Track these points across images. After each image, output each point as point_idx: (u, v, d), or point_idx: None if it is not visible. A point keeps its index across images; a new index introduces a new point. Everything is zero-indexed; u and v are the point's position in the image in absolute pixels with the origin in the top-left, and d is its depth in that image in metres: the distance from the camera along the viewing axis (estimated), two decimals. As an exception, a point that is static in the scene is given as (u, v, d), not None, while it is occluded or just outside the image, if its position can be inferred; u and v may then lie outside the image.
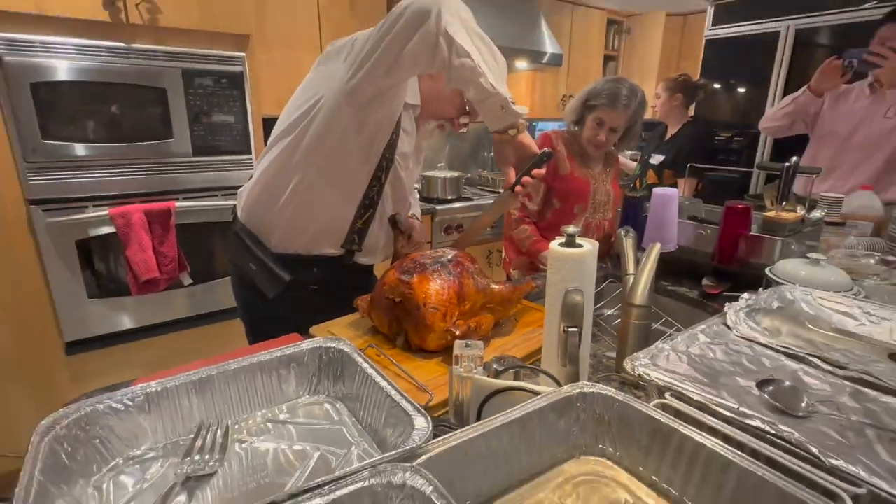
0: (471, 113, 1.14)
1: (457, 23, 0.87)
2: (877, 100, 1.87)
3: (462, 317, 0.90)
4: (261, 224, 1.11)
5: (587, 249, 0.74)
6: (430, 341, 0.88)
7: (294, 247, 1.11)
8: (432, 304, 0.87)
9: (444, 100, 1.13)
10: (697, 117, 2.71)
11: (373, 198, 1.11)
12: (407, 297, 0.90)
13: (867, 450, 0.49)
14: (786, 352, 0.69)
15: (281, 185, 1.07)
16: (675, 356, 0.66)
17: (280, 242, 1.11)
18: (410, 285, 0.90)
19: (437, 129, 1.24)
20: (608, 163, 1.64)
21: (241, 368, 0.62)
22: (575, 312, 0.72)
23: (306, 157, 1.03)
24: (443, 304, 0.88)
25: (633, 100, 1.45)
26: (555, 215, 1.60)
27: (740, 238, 1.27)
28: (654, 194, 1.33)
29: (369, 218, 1.13)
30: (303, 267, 1.11)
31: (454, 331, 0.86)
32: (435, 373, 0.84)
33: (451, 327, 0.86)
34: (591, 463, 0.56)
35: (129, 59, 1.73)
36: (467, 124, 1.17)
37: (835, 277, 0.96)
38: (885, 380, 0.61)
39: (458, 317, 0.89)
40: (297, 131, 1.03)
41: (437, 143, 3.39)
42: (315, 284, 1.14)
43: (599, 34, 3.58)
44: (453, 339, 0.86)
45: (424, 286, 0.89)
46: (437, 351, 0.90)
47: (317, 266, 1.13)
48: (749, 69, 3.03)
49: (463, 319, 0.89)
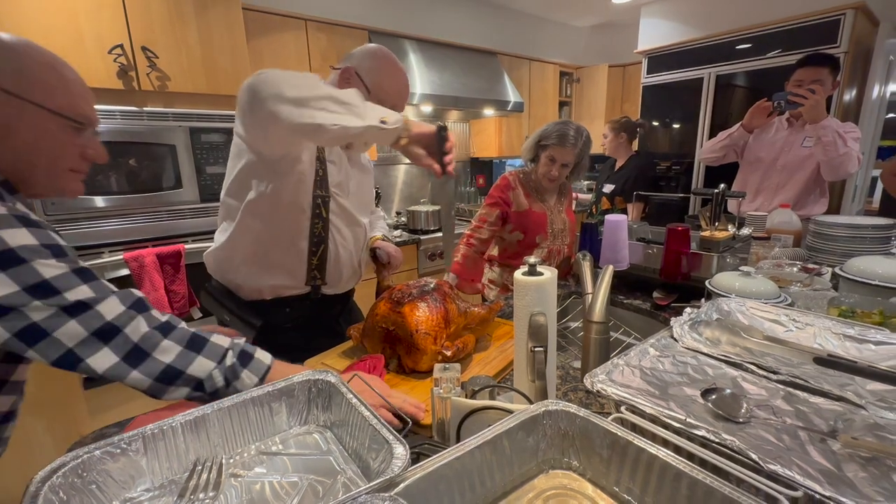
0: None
1: (285, 107, 0.73)
2: (794, 131, 1.95)
3: (449, 338, 0.88)
4: (227, 279, 1.07)
5: (547, 277, 0.73)
6: (423, 363, 0.86)
7: (262, 294, 1.06)
8: (424, 330, 0.85)
9: None
10: (641, 151, 2.81)
11: (320, 234, 1.04)
12: (400, 324, 0.88)
13: (801, 452, 0.47)
14: (726, 360, 0.68)
15: (235, 243, 1.02)
16: (629, 370, 0.65)
17: (248, 293, 1.06)
18: (402, 314, 0.88)
19: None
20: (562, 194, 1.66)
21: (235, 405, 0.59)
22: (540, 332, 0.71)
23: (245, 215, 0.98)
24: (432, 328, 0.86)
25: (579, 139, 1.48)
26: (519, 245, 1.60)
27: (682, 255, 1.28)
28: (607, 220, 1.34)
29: (323, 252, 1.07)
30: (274, 309, 1.07)
31: (445, 352, 0.84)
32: (428, 393, 0.81)
33: (442, 349, 0.85)
34: (558, 476, 0.53)
35: (142, 121, 1.71)
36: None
37: (764, 287, 0.96)
38: (811, 382, 0.61)
39: (445, 339, 0.87)
40: (233, 194, 0.99)
41: (420, 181, 3.41)
42: (289, 323, 1.10)
43: (554, 84, 3.69)
44: (444, 359, 0.84)
45: (415, 314, 0.87)
46: (429, 372, 0.87)
47: (288, 306, 1.08)
48: (680, 109, 3.14)
49: (450, 341, 0.88)
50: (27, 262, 0.55)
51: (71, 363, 0.57)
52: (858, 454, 0.47)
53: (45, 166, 0.66)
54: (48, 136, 0.64)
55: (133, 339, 0.60)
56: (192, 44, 1.80)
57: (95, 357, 0.57)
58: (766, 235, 1.63)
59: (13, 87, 0.61)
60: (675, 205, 3.11)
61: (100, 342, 0.58)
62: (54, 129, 0.65)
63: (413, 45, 2.81)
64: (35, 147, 0.64)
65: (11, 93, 0.61)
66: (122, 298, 0.61)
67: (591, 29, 4.06)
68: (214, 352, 0.65)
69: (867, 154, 2.94)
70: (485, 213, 1.57)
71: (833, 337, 0.72)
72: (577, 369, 0.93)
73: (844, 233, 1.38)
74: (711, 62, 2.93)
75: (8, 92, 0.60)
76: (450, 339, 0.89)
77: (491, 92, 2.97)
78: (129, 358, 0.59)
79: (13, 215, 0.56)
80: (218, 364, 0.64)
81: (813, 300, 0.99)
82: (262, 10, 2.17)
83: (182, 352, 0.62)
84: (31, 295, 0.54)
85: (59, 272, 0.57)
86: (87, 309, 0.57)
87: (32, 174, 0.65)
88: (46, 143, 0.64)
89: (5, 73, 0.61)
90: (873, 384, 0.60)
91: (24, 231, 0.56)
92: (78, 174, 0.71)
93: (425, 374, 0.87)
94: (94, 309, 0.58)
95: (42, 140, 0.64)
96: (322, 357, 0.98)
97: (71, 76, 0.67)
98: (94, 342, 0.58)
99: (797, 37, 2.57)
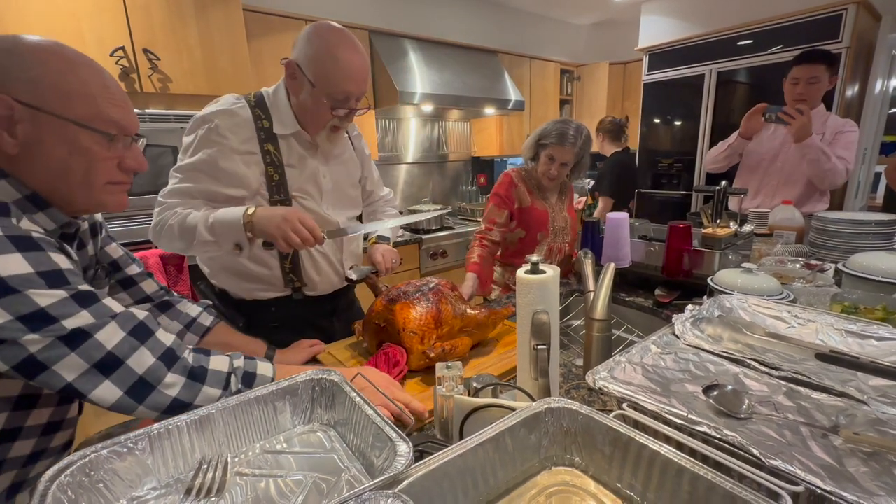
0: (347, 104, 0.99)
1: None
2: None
3: (440, 340, 0.88)
4: (219, 283, 1.10)
5: (549, 275, 0.73)
6: (411, 362, 0.86)
7: (246, 295, 1.09)
8: (411, 329, 0.85)
9: (312, 110, 0.98)
10: (629, 148, 2.86)
11: None
12: (390, 321, 0.89)
13: (803, 447, 0.48)
14: (727, 357, 0.68)
15: (216, 255, 1.06)
16: (630, 367, 0.65)
17: (234, 293, 1.09)
18: (393, 311, 0.89)
19: (332, 131, 1.04)
20: (563, 192, 1.66)
21: (239, 404, 0.60)
22: (543, 330, 0.71)
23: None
24: (420, 328, 0.86)
25: (578, 137, 1.47)
26: (521, 243, 1.60)
27: (684, 253, 1.28)
28: (608, 218, 1.34)
29: (294, 258, 1.06)
30: (260, 309, 1.09)
31: (430, 353, 0.84)
32: (415, 390, 0.82)
33: (427, 350, 0.84)
34: (561, 473, 0.54)
35: (144, 123, 1.72)
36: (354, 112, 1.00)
37: (767, 284, 0.96)
38: (813, 378, 0.61)
39: (435, 340, 0.87)
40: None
41: (422, 181, 3.41)
42: (276, 322, 1.10)
43: (554, 82, 3.68)
44: (428, 361, 0.85)
45: (405, 312, 0.88)
46: (418, 371, 0.88)
47: (273, 306, 1.10)
48: (682, 106, 3.13)
49: (440, 342, 0.87)
50: (19, 292, 0.51)
51: (76, 395, 0.55)
52: (860, 449, 0.47)
53: (80, 182, 0.60)
54: (78, 150, 0.58)
55: (137, 371, 0.57)
56: (192, 45, 1.81)
57: (98, 391, 0.55)
58: (768, 232, 1.62)
59: (33, 100, 0.55)
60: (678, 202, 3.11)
61: (101, 375, 0.55)
62: (83, 141, 0.58)
63: (413, 44, 2.81)
64: (66, 163, 0.58)
65: (32, 106, 0.55)
66: (123, 323, 0.58)
67: (592, 27, 4.05)
68: (217, 379, 0.63)
69: (870, 150, 2.92)
70: (494, 214, 1.56)
71: (835, 333, 0.72)
72: (579, 367, 0.93)
73: (847, 229, 1.38)
74: (713, 59, 2.92)
75: (29, 105, 0.55)
76: (442, 341, 0.88)
77: (491, 91, 2.97)
78: (134, 392, 0.57)
79: (7, 237, 0.51)
80: (224, 391, 0.63)
81: (815, 297, 0.99)
82: (262, 11, 2.18)
83: (186, 383, 0.60)
84: (25, 325, 0.51)
85: (56, 300, 0.53)
86: (87, 338, 0.54)
87: (70, 190, 0.60)
88: (77, 157, 0.59)
89: (21, 84, 0.54)
90: (875, 380, 0.60)
91: (18, 257, 0.51)
92: (119, 186, 0.65)
93: (418, 373, 0.88)
94: (94, 338, 0.55)
95: (73, 155, 0.58)
96: (330, 347, 1.02)
97: (95, 80, 0.59)
98: (95, 375, 0.55)
99: (799, 32, 2.56)
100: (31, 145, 0.56)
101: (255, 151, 0.98)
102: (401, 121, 3.19)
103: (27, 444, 0.63)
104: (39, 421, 0.63)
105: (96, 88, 0.59)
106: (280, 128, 1.00)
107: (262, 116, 0.99)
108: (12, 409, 0.60)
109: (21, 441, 0.62)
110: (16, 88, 0.54)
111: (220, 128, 0.94)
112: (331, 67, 0.93)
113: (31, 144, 0.56)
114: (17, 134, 0.55)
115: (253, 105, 1.00)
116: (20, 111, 0.54)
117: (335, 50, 0.92)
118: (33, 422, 0.63)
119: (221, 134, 0.94)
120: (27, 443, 0.63)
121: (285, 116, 1.00)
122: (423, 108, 2.77)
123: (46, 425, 0.65)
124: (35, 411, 0.63)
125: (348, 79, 0.94)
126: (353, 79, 0.94)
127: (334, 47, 0.93)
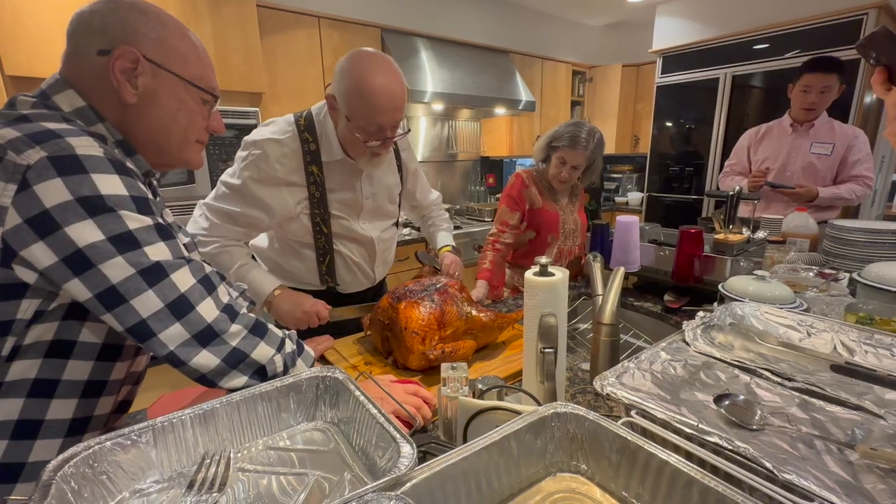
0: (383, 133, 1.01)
1: None
2: (799, 136, 1.92)
3: (443, 341, 0.87)
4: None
5: (558, 278, 0.72)
6: (411, 362, 0.86)
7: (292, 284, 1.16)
8: (413, 329, 0.85)
9: (350, 140, 1.01)
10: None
11: (324, 246, 1.12)
12: (393, 320, 0.88)
13: (817, 461, 0.46)
14: (739, 365, 0.67)
15: (263, 250, 1.21)
16: (639, 374, 0.64)
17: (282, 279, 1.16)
18: (397, 310, 0.88)
19: (372, 157, 1.05)
20: (574, 195, 1.64)
21: (244, 399, 0.59)
22: (550, 333, 0.70)
23: (269, 233, 1.18)
24: (422, 329, 0.85)
25: (591, 141, 1.45)
26: (531, 245, 1.59)
27: (695, 258, 1.26)
28: (618, 222, 1.33)
29: (331, 261, 1.15)
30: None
31: (429, 354, 0.83)
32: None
33: (428, 351, 0.84)
34: (566, 480, 0.53)
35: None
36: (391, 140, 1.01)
37: (779, 291, 0.94)
38: (828, 390, 0.59)
39: (437, 341, 0.86)
40: None
41: (430, 180, 3.40)
42: None
43: (566, 83, 3.66)
44: (428, 362, 0.84)
45: (409, 312, 0.87)
46: (419, 370, 0.87)
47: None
48: (695, 109, 3.09)
49: (443, 344, 0.86)
50: (114, 211, 0.53)
51: (142, 335, 0.56)
52: (877, 465, 0.46)
53: (179, 137, 0.66)
54: (185, 107, 0.65)
55: (206, 319, 0.58)
56: (206, 41, 1.82)
57: (168, 332, 0.56)
58: (781, 239, 1.59)
59: (156, 57, 0.61)
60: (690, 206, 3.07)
61: (172, 317, 0.56)
62: (189, 100, 0.65)
63: (425, 42, 2.80)
64: (174, 117, 0.64)
65: (155, 62, 0.61)
66: (194, 270, 0.60)
67: (605, 28, 4.02)
68: (273, 339, 0.66)
69: (887, 158, 2.87)
70: (506, 216, 1.55)
71: (851, 344, 0.70)
72: (584, 371, 0.92)
73: (863, 237, 1.35)
74: (728, 62, 2.88)
75: (152, 62, 0.60)
76: (445, 342, 0.87)
77: (502, 91, 2.95)
78: (201, 337, 0.58)
79: (108, 159, 0.54)
80: (278, 350, 0.65)
81: (830, 306, 0.97)
82: (275, 8, 2.18)
83: (247, 336, 0.62)
84: (115, 246, 0.53)
85: (142, 225, 0.55)
86: (164, 276, 0.56)
87: (168, 144, 0.65)
88: (183, 114, 0.65)
89: (149, 42, 0.60)
90: (893, 393, 0.58)
91: (116, 178, 0.54)
92: (201, 146, 0.71)
93: (417, 372, 0.87)
94: (170, 278, 0.56)
95: (180, 111, 0.64)
96: (336, 343, 1.02)
97: (201, 47, 0.67)
98: (167, 316, 0.56)
99: (816, 37, 2.52)
100: (147, 97, 0.62)
101: (300, 182, 1.05)
102: (411, 119, 3.18)
103: (108, 400, 0.65)
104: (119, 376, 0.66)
105: (202, 54, 0.67)
106: (327, 155, 1.05)
107: (311, 140, 1.04)
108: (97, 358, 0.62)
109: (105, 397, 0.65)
110: (144, 45, 0.60)
111: (269, 158, 1.00)
112: (361, 103, 0.93)
113: (147, 96, 0.62)
114: (137, 85, 0.61)
115: (302, 129, 1.03)
116: (144, 65, 0.60)
117: (366, 83, 0.91)
118: (116, 375, 0.65)
119: (270, 164, 1.00)
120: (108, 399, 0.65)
121: (332, 143, 1.04)
122: (433, 106, 2.76)
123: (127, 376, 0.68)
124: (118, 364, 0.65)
125: (379, 112, 0.94)
126: (383, 111, 0.94)
127: (365, 81, 0.91)
